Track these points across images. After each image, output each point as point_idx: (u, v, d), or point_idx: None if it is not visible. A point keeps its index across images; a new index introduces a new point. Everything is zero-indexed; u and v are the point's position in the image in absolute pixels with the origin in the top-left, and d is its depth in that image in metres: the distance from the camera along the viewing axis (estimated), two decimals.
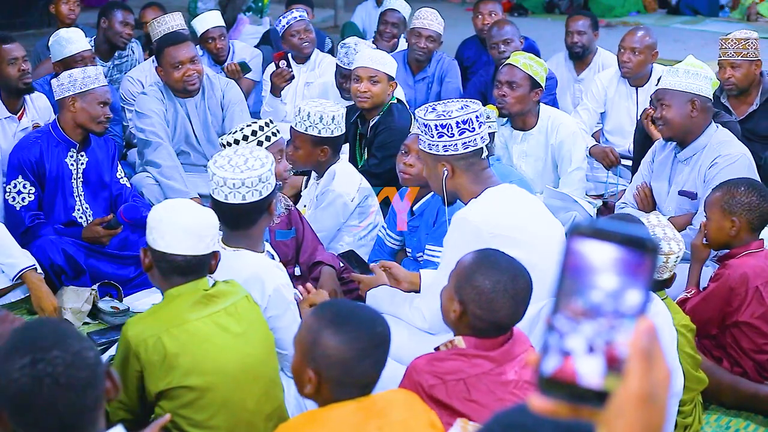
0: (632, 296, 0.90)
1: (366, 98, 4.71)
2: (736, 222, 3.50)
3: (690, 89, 4.06)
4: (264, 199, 3.00)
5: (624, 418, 0.88)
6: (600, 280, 0.90)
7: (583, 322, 0.90)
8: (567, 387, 0.90)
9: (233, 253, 2.98)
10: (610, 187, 5.45)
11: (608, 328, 0.90)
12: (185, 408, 2.55)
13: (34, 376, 1.65)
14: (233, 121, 5.14)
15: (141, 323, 2.59)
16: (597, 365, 0.89)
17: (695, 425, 3.24)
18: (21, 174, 4.31)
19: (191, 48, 5.06)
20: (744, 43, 4.90)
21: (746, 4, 12.94)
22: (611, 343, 0.89)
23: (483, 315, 2.45)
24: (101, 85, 4.34)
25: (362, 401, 2.11)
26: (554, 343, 0.91)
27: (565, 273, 0.92)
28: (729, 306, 3.43)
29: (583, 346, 0.90)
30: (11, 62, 4.63)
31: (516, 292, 2.47)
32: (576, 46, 6.19)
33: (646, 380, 0.88)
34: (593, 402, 0.90)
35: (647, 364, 0.89)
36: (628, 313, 0.90)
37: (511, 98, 4.65)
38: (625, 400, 0.88)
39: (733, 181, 3.65)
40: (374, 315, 2.22)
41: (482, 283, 2.46)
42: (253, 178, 2.96)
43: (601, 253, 0.90)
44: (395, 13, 6.62)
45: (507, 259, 2.55)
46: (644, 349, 0.89)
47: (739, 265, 3.45)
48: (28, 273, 3.99)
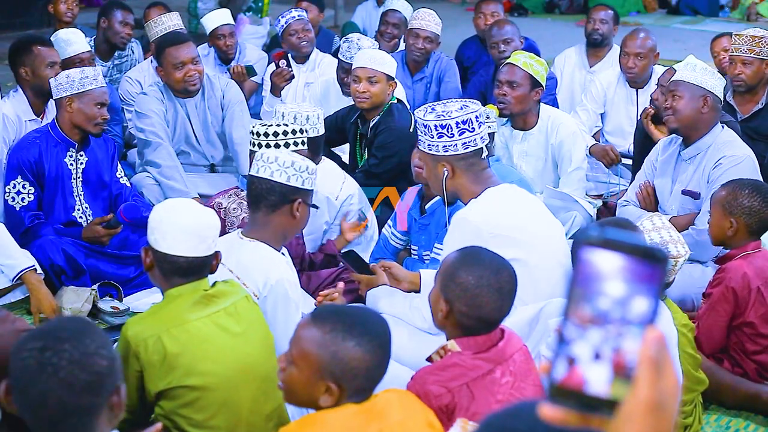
0: (640, 304, 0.90)
1: (365, 98, 4.70)
2: (733, 223, 3.50)
3: (705, 85, 4.07)
4: (289, 187, 3.04)
5: (633, 426, 0.89)
6: (607, 288, 0.91)
7: (590, 329, 0.90)
8: (575, 395, 0.90)
9: (249, 243, 3.01)
10: (611, 186, 5.45)
11: (615, 336, 0.90)
12: (185, 408, 2.55)
13: (39, 360, 1.71)
14: (233, 121, 5.14)
15: (141, 323, 2.59)
16: (604, 372, 0.90)
17: (695, 425, 3.24)
18: (20, 174, 4.30)
19: (192, 48, 5.06)
20: (758, 41, 4.89)
21: (746, 4, 12.94)
22: (618, 351, 0.90)
23: (469, 311, 2.45)
24: (99, 86, 4.33)
25: (362, 403, 2.11)
26: (562, 350, 0.91)
27: (574, 281, 0.92)
28: (737, 308, 3.43)
29: (589, 353, 0.90)
30: (50, 66, 4.67)
31: (500, 286, 2.47)
32: (596, 33, 6.28)
33: (655, 389, 0.89)
34: (602, 410, 0.90)
35: (656, 372, 0.89)
36: (635, 320, 0.90)
37: (512, 98, 4.65)
38: (634, 408, 0.89)
39: (740, 181, 3.64)
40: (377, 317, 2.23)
41: (466, 280, 2.45)
42: (287, 159, 3.05)
43: (610, 262, 0.91)
44: (396, 14, 6.61)
45: (489, 255, 2.55)
46: (654, 358, 0.89)
47: (737, 267, 3.45)
48: (27, 274, 3.98)
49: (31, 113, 4.76)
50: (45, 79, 4.59)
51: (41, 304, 3.95)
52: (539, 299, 3.07)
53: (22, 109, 4.73)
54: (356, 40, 5.36)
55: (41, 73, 4.65)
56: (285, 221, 3.08)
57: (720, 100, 4.14)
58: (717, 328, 3.44)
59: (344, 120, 5.00)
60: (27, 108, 4.75)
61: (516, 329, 2.72)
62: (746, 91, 5.01)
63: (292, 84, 5.96)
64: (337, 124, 5.05)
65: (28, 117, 4.75)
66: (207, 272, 2.66)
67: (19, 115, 4.71)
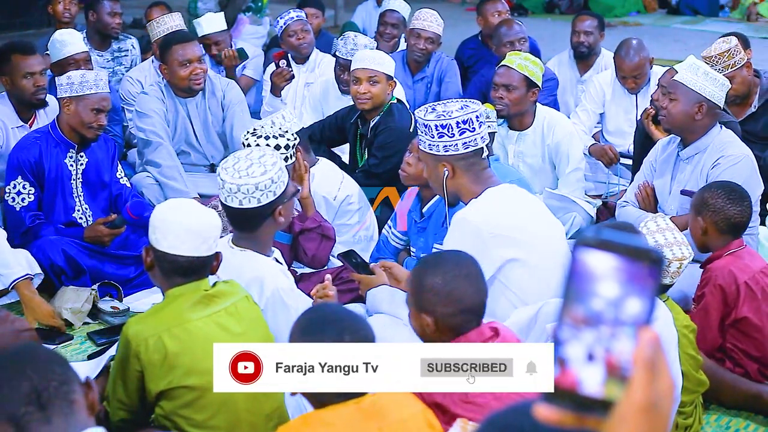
0: (633, 305, 0.91)
1: (366, 99, 4.70)
2: (701, 222, 3.52)
3: (703, 92, 4.01)
4: (263, 206, 2.96)
5: (627, 427, 0.89)
6: (601, 288, 0.91)
7: (583, 330, 0.91)
8: (569, 395, 0.90)
9: (239, 252, 2.99)
10: (610, 187, 5.45)
11: (608, 336, 0.90)
12: (185, 408, 2.55)
13: None
14: (234, 121, 5.14)
15: (142, 323, 2.59)
16: (597, 372, 0.90)
17: (695, 425, 3.24)
18: (20, 174, 4.30)
19: (198, 47, 5.09)
20: (728, 54, 4.79)
21: (746, 4, 12.94)
22: (611, 351, 0.90)
23: (452, 309, 2.45)
24: (99, 92, 4.30)
25: (361, 401, 2.11)
26: (557, 351, 0.92)
27: (568, 282, 0.92)
28: (727, 306, 3.43)
29: (583, 353, 0.91)
30: (27, 76, 4.64)
31: (467, 273, 2.48)
32: (582, 46, 6.18)
33: (650, 390, 0.89)
34: (597, 411, 0.91)
35: (651, 374, 0.90)
36: (629, 321, 0.91)
37: (509, 101, 4.65)
38: (629, 409, 0.89)
39: (714, 183, 3.68)
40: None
41: (433, 282, 2.47)
42: (249, 185, 2.93)
43: (604, 263, 0.91)
44: (394, 14, 6.61)
45: (440, 254, 2.58)
46: (648, 359, 0.90)
47: (722, 265, 3.46)
48: (20, 284, 3.93)
49: (18, 120, 4.76)
50: (23, 89, 4.61)
51: (36, 313, 3.92)
52: (540, 299, 3.06)
53: (7, 116, 4.74)
54: (353, 37, 5.37)
55: (18, 84, 4.64)
56: (271, 228, 3.06)
57: (718, 106, 4.07)
58: (709, 327, 3.44)
59: (344, 120, 5.00)
60: (13, 115, 4.74)
61: (515, 329, 2.72)
62: (741, 101, 5.00)
63: (292, 84, 5.96)
64: (337, 124, 5.05)
65: (15, 124, 4.75)
66: (208, 272, 2.66)
67: (4, 122, 4.72)
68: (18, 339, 2.42)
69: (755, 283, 3.44)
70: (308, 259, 3.90)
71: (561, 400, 0.91)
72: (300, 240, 3.86)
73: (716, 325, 3.45)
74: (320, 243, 3.88)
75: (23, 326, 2.52)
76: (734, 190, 3.57)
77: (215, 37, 6.12)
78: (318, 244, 3.88)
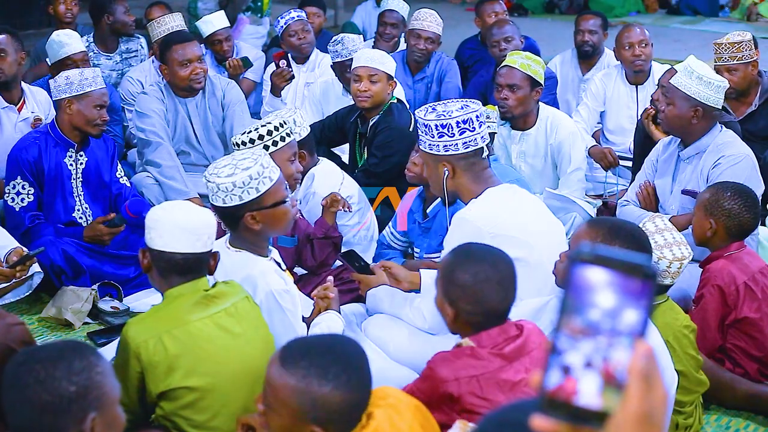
0: (630, 315, 0.92)
1: (366, 97, 4.70)
2: (712, 224, 3.50)
3: (698, 96, 4.00)
4: (227, 207, 2.90)
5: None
6: (598, 299, 0.93)
7: (581, 340, 0.92)
8: (565, 406, 0.92)
9: (234, 253, 2.97)
10: (610, 187, 5.44)
11: (606, 346, 0.92)
12: (186, 409, 2.55)
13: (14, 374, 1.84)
14: (233, 121, 5.14)
15: (141, 324, 2.59)
16: (594, 382, 0.92)
17: (695, 425, 3.24)
18: (20, 174, 4.30)
19: (198, 47, 5.10)
20: (738, 46, 4.86)
21: (746, 4, 12.94)
22: (608, 361, 0.92)
23: (474, 309, 2.45)
24: (98, 87, 4.32)
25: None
26: (554, 361, 0.93)
27: (566, 294, 0.94)
28: (726, 306, 3.43)
29: (580, 363, 0.92)
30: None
31: (501, 277, 2.46)
32: (586, 45, 6.19)
33: (644, 401, 0.91)
34: (592, 422, 0.92)
35: (646, 385, 0.91)
36: (625, 331, 0.92)
37: (513, 101, 4.64)
38: (624, 420, 0.91)
39: (724, 183, 3.65)
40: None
41: (463, 278, 2.45)
42: (213, 184, 2.90)
43: (601, 277, 0.93)
44: (393, 14, 6.61)
45: (483, 249, 2.54)
46: (643, 370, 0.91)
47: (721, 266, 3.46)
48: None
49: (3, 101, 4.83)
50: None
51: None
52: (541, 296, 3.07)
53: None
54: (341, 39, 5.42)
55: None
56: (250, 235, 2.96)
57: (716, 107, 4.07)
58: (708, 328, 3.44)
59: (344, 119, 5.00)
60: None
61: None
62: (738, 97, 5.01)
63: (292, 84, 5.96)
64: (337, 123, 5.06)
65: (1, 105, 4.82)
66: (205, 271, 2.66)
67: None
68: (10, 332, 2.41)
69: (755, 284, 3.44)
70: (314, 265, 3.90)
71: (557, 412, 0.92)
72: (315, 244, 3.86)
73: (716, 325, 3.46)
74: (331, 251, 3.90)
75: (15, 320, 2.52)
76: (750, 196, 3.55)
77: (223, 33, 6.20)
78: (329, 253, 3.90)
